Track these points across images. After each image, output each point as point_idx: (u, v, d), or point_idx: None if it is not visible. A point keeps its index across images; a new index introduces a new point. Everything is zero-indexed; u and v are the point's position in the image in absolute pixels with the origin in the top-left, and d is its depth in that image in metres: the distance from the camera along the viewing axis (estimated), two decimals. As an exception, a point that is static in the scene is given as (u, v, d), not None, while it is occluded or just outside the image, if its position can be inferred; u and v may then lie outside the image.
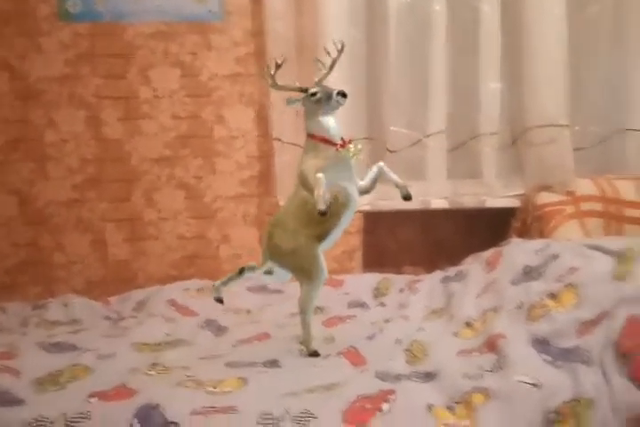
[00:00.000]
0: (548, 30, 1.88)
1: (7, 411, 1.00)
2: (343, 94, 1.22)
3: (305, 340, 1.28)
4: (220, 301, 1.29)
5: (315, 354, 1.26)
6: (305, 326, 1.27)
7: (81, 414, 0.98)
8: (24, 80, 1.93)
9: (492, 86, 1.94)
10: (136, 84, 1.97)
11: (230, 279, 1.29)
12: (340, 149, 1.23)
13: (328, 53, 1.30)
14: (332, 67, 1.30)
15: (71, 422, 0.97)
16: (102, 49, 1.95)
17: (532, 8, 1.89)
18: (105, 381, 1.10)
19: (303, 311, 1.27)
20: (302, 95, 1.26)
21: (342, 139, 1.24)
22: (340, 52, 1.30)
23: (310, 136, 1.26)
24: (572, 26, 1.91)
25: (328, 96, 1.22)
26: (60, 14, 1.93)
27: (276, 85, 1.28)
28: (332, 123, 1.25)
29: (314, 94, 1.24)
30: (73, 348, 1.30)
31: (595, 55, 2.01)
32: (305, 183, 1.22)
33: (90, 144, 1.97)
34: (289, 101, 1.30)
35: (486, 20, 1.92)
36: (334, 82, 1.85)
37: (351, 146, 1.24)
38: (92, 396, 1.04)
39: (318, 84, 1.28)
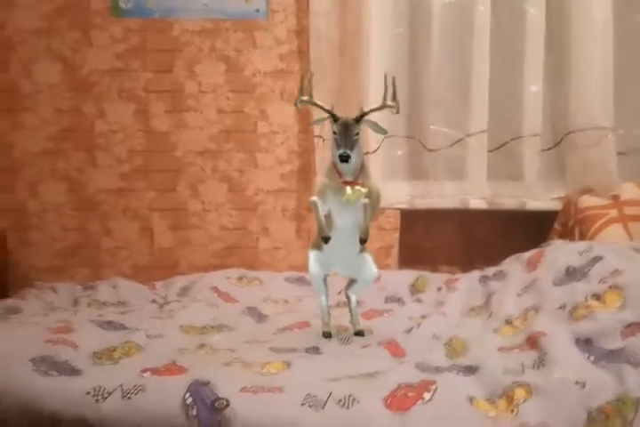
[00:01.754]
0: (593, 33, 1.87)
1: (67, 380, 1.05)
2: (342, 160, 1.19)
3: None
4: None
5: (326, 335, 1.33)
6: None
7: (137, 386, 1.02)
8: (76, 72, 2.01)
9: (535, 88, 1.94)
10: (182, 78, 2.03)
11: None
12: (344, 186, 1.23)
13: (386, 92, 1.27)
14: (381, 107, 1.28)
15: (127, 393, 1.01)
16: (151, 44, 2.01)
17: (578, 11, 1.88)
18: (156, 358, 1.15)
19: None
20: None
21: (350, 180, 1.23)
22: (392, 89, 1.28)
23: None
24: (618, 29, 1.89)
25: (337, 146, 1.21)
26: (112, 9, 2.00)
27: (305, 102, 1.27)
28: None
29: (334, 132, 1.22)
30: (123, 327, 1.35)
31: (639, 58, 1.99)
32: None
33: (138, 135, 2.03)
34: (314, 122, 1.35)
35: (531, 21, 1.92)
36: (375, 77, 1.89)
37: (349, 189, 1.22)
38: (144, 371, 1.09)
39: (347, 119, 1.22)
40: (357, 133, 1.23)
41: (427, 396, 1.03)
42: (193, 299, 1.59)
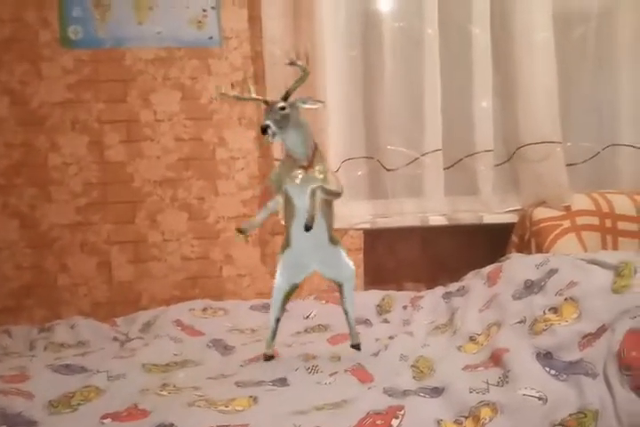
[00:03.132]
0: (536, 50, 1.94)
1: (22, 434, 1.01)
2: (262, 129, 1.20)
3: None
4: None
5: (266, 358, 1.36)
6: None
7: (95, 436, 0.99)
8: (26, 105, 1.97)
9: (485, 105, 2.00)
10: (137, 107, 2.01)
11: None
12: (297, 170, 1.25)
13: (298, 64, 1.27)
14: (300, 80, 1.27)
15: (87, 444, 0.97)
16: (103, 74, 1.99)
17: (521, 31, 1.96)
18: (117, 402, 1.11)
19: None
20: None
21: (305, 164, 1.25)
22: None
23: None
24: (561, 45, 1.98)
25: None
26: (61, 41, 1.97)
27: (238, 97, 1.30)
28: (288, 141, 1.25)
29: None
30: (83, 370, 1.31)
31: (583, 74, 2.08)
32: None
33: (93, 167, 2.00)
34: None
35: (477, 41, 1.99)
36: (331, 101, 1.92)
37: (297, 172, 1.24)
38: (105, 417, 1.05)
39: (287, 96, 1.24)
40: (283, 108, 1.22)
41: (395, 423, 1.03)
42: (156, 335, 1.55)
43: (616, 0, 2.04)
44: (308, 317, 1.68)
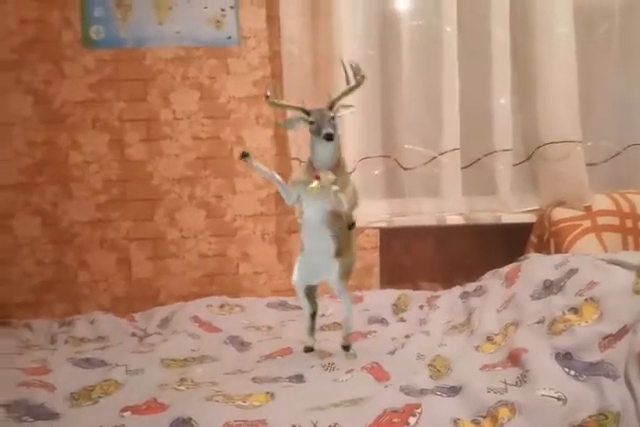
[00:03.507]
0: (557, 48, 1.92)
1: (44, 425, 1.03)
2: (328, 138, 1.22)
3: None
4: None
5: (306, 350, 1.39)
6: None
7: (116, 427, 1.00)
8: (49, 104, 2.00)
9: (504, 104, 1.98)
10: (157, 106, 2.03)
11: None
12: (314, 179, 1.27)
13: (350, 74, 1.30)
14: (347, 92, 1.30)
15: (108, 436, 0.99)
16: (124, 74, 2.01)
17: (541, 27, 1.94)
18: (136, 395, 1.13)
19: None
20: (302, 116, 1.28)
21: (317, 174, 1.26)
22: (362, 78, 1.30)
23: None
24: (581, 44, 1.95)
25: (318, 131, 1.25)
26: (83, 41, 2.00)
27: (275, 103, 1.32)
28: (318, 150, 1.27)
29: (311, 123, 1.26)
30: (102, 364, 1.33)
31: (604, 72, 2.05)
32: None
33: (113, 166, 2.02)
34: (287, 124, 1.36)
35: (496, 39, 1.97)
36: (350, 101, 1.92)
37: (314, 183, 1.25)
38: (124, 410, 1.06)
39: (319, 110, 1.27)
40: (333, 118, 1.26)
41: (412, 421, 1.02)
42: (174, 330, 1.57)
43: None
44: (323, 315, 1.68)
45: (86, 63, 2.00)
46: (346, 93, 1.30)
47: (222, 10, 2.03)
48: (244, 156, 1.31)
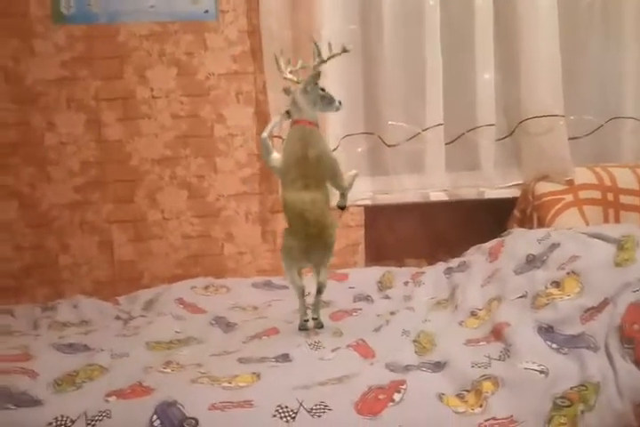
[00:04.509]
0: (540, 22, 1.90)
1: (27, 412, 1.02)
2: (341, 104, 1.39)
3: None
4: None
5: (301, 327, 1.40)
6: None
7: (101, 412, 1.00)
8: (20, 83, 1.93)
9: (487, 79, 1.96)
10: (133, 84, 1.97)
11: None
12: None
13: (330, 48, 1.38)
14: (324, 60, 1.37)
15: (92, 420, 0.99)
16: (98, 51, 1.94)
17: (524, 0, 1.90)
18: (121, 380, 1.12)
19: None
20: (309, 84, 1.34)
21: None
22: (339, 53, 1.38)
23: (310, 123, 1.35)
24: (565, 17, 1.93)
25: (331, 100, 1.38)
26: (53, 16, 1.92)
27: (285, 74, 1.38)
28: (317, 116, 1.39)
29: (323, 89, 1.37)
30: (86, 348, 1.32)
31: (587, 45, 2.04)
32: (338, 170, 1.37)
33: (90, 146, 1.97)
34: (288, 91, 1.38)
35: (479, 13, 1.94)
36: (332, 77, 1.89)
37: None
38: (109, 395, 1.06)
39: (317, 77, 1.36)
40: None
41: (397, 397, 1.04)
42: (158, 313, 1.56)
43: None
44: (309, 293, 1.68)
45: (57, 40, 1.92)
46: (326, 61, 1.38)
47: (198, -18, 1.96)
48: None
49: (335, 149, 1.93)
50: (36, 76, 1.93)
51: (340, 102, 1.39)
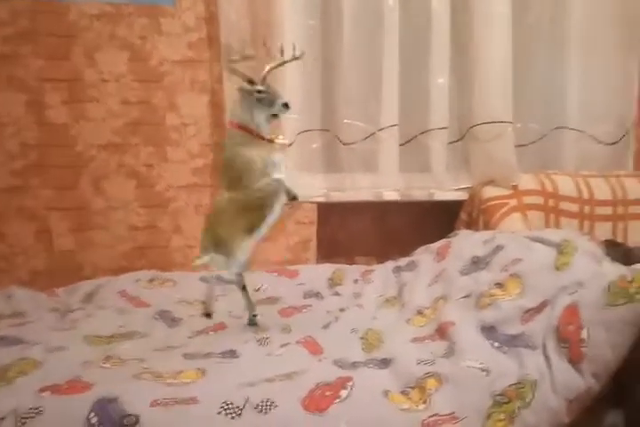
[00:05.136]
0: (493, 28, 1.95)
1: (-49, 409, 0.95)
2: (287, 106, 1.28)
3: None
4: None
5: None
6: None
7: (33, 409, 0.94)
8: (-46, 58, 1.80)
9: (441, 83, 2.00)
10: (81, 66, 1.88)
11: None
12: (272, 142, 1.30)
13: (281, 52, 1.33)
14: (279, 64, 1.33)
15: (23, 418, 0.93)
16: (44, 28, 1.84)
17: (480, 6, 1.95)
18: (57, 375, 1.06)
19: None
20: (246, 86, 1.29)
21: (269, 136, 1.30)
22: (296, 59, 1.34)
23: (238, 127, 1.30)
24: (516, 28, 1.99)
25: (271, 102, 1.28)
26: (-4, -12, 1.80)
27: (231, 69, 1.31)
28: (263, 119, 1.30)
29: (259, 92, 1.28)
30: (19, 341, 1.24)
31: (535, 57, 2.11)
32: (251, 173, 1.27)
33: (31, 128, 1.86)
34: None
35: (437, 16, 1.97)
36: (290, 72, 1.88)
37: (278, 139, 1.32)
38: (43, 390, 1.00)
39: (264, 81, 1.29)
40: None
41: (343, 393, 1.04)
42: (99, 306, 1.50)
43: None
44: (258, 289, 1.67)
45: (-1, 14, 1.80)
46: (275, 67, 1.31)
47: (155, -36, 1.89)
48: None
49: (290, 145, 1.92)
50: (-28, 51, 1.80)
51: (285, 105, 1.29)
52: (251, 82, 1.29)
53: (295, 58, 1.33)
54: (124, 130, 1.93)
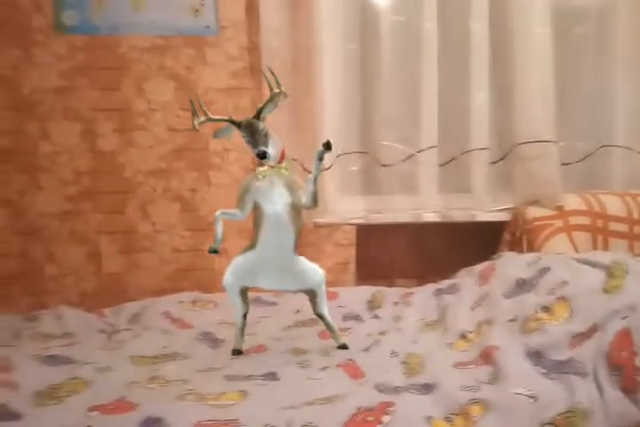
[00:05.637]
0: (534, 49, 1.94)
1: (5, 426, 0.99)
2: (262, 157, 1.24)
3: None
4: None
5: (234, 353, 1.36)
6: None
7: (82, 428, 0.97)
8: (17, 91, 1.92)
9: (481, 103, 1.99)
10: (131, 96, 1.98)
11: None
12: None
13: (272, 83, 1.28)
14: (270, 100, 1.28)
15: (73, 436, 0.96)
16: (98, 62, 1.95)
17: (519, 27, 1.95)
18: (104, 394, 1.09)
19: None
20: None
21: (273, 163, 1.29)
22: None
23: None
24: (558, 45, 1.97)
25: (251, 146, 1.26)
26: (55, 26, 1.93)
27: (208, 119, 1.32)
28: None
29: (243, 136, 1.27)
30: (69, 361, 1.29)
31: (579, 73, 2.08)
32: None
33: (84, 156, 1.96)
34: (217, 134, 1.34)
35: (476, 38, 1.98)
36: (330, 94, 1.91)
37: (260, 169, 1.30)
38: (92, 409, 1.03)
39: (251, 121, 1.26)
40: (263, 128, 1.27)
41: (385, 419, 1.02)
42: (144, 326, 1.53)
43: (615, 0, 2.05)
44: (298, 311, 1.67)
45: (58, 49, 1.93)
46: (270, 101, 1.28)
47: (201, -2, 1.98)
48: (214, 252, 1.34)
49: (329, 168, 1.95)
50: (34, 84, 1.93)
51: (261, 153, 1.23)
52: (236, 124, 1.27)
53: (274, 94, 1.27)
54: (170, 156, 2.00)
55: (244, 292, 1.41)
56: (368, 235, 2.08)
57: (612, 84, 2.08)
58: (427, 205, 2.03)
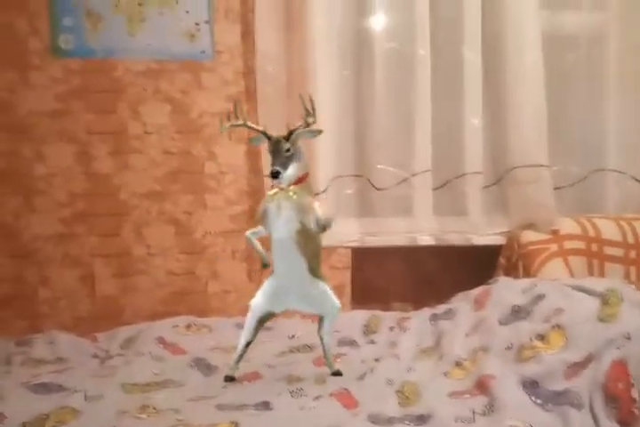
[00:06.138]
0: (527, 74, 1.97)
1: (-8, 460, 0.97)
2: (274, 176, 1.25)
3: None
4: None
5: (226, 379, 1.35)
6: None
7: (70, 461, 0.95)
8: (13, 113, 1.93)
9: (475, 127, 2.01)
10: (126, 119, 1.99)
11: None
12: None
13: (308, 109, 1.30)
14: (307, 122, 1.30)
15: (60, 470, 0.94)
16: (93, 85, 1.97)
17: (511, 53, 1.98)
18: (94, 424, 1.08)
19: None
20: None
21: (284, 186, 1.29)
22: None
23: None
24: (550, 70, 2.00)
25: (271, 164, 1.26)
26: (52, 49, 1.95)
27: (245, 124, 1.33)
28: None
29: (268, 151, 1.28)
30: (60, 388, 1.27)
31: (571, 98, 2.11)
32: None
33: (79, 178, 1.96)
34: (252, 140, 1.37)
35: (469, 64, 2.01)
36: (324, 118, 1.92)
37: (269, 192, 1.31)
38: (80, 442, 1.01)
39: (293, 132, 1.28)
40: (288, 150, 1.27)
41: (379, 452, 1.01)
42: (137, 352, 1.51)
43: (606, 26, 2.08)
44: (293, 336, 1.66)
45: (54, 73, 1.94)
46: (304, 127, 1.29)
47: (197, 24, 2.01)
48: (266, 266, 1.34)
49: (325, 191, 1.95)
50: (29, 107, 1.94)
51: (273, 172, 1.25)
52: (267, 137, 1.29)
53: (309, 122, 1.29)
54: (165, 179, 2.01)
55: (263, 319, 1.40)
56: (363, 258, 2.08)
57: (603, 108, 2.10)
58: (422, 228, 2.04)
